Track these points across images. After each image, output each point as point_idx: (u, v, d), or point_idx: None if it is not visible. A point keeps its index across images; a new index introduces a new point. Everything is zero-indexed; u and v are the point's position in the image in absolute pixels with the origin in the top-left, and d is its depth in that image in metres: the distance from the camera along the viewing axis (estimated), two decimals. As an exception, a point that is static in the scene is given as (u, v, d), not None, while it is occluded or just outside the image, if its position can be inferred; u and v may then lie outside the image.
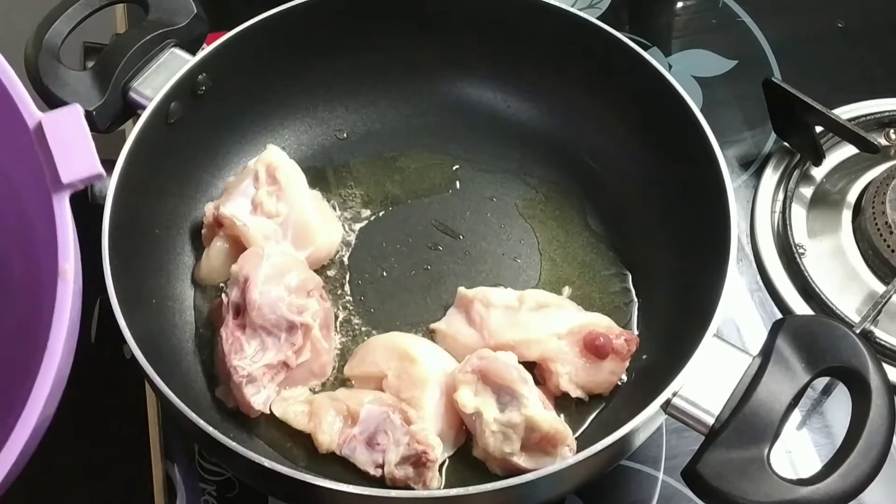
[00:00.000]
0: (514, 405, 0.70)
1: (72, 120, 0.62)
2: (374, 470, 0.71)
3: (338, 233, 0.84)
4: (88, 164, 0.61)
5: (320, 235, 0.82)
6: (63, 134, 0.61)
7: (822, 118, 0.87)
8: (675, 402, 0.65)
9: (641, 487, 0.78)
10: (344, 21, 0.87)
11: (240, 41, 0.82)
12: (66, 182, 0.61)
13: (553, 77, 0.88)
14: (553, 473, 0.63)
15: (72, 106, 0.62)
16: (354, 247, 0.84)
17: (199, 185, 0.85)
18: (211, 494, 0.77)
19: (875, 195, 0.86)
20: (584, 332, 0.74)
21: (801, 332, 0.66)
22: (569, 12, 0.83)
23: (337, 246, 0.84)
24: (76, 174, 0.61)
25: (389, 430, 0.71)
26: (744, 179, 0.93)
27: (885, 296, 0.81)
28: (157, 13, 0.81)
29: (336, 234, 0.84)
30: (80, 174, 0.61)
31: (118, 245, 0.71)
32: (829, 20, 1.04)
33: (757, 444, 0.62)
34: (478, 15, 0.87)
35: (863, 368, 0.64)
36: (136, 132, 0.76)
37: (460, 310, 0.78)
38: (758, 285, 0.88)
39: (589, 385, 0.75)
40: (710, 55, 1.02)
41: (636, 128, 0.84)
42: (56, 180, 0.61)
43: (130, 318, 0.68)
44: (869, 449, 0.62)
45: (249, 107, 0.87)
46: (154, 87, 0.79)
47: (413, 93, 0.89)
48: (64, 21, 0.79)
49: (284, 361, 0.73)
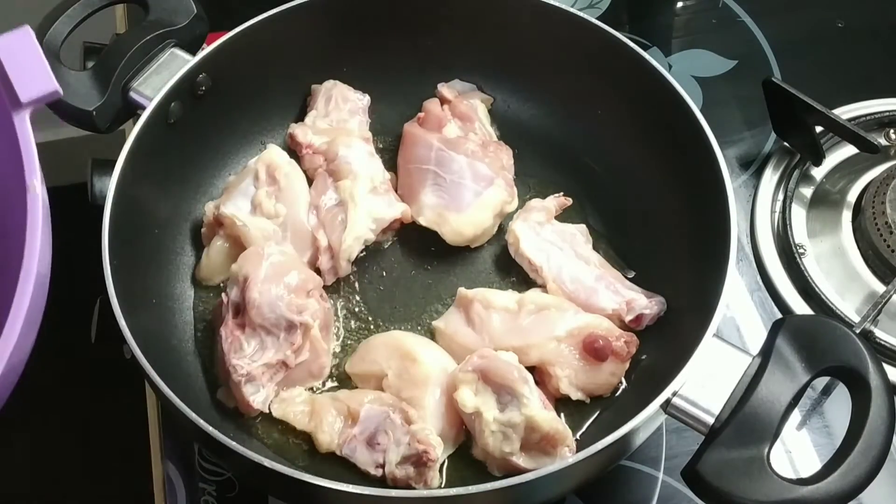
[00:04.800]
0: (514, 405, 0.70)
1: (24, 42, 0.64)
2: (374, 470, 0.71)
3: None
4: (45, 83, 0.64)
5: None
6: (17, 56, 0.64)
7: (822, 118, 0.87)
8: (675, 402, 0.65)
9: (641, 487, 0.78)
10: (344, 21, 0.87)
11: (240, 41, 0.82)
12: (26, 101, 0.63)
13: (553, 77, 0.88)
14: (553, 473, 0.63)
15: (22, 28, 0.65)
16: (354, 247, 0.84)
17: (199, 185, 0.85)
18: (211, 494, 0.77)
19: (875, 195, 0.86)
20: (584, 335, 0.74)
21: (801, 331, 0.66)
22: (569, 12, 0.83)
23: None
24: (34, 93, 0.63)
25: (390, 429, 0.71)
26: (744, 179, 0.93)
27: (885, 296, 0.81)
28: (157, 13, 0.81)
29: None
30: (38, 92, 0.64)
31: (118, 245, 0.71)
32: (829, 20, 1.04)
33: (757, 444, 0.62)
34: (478, 15, 0.87)
35: (863, 368, 0.64)
36: (136, 132, 0.76)
37: (460, 310, 0.78)
38: (758, 285, 0.88)
39: (589, 387, 0.75)
40: (710, 55, 1.02)
41: (636, 128, 0.84)
42: (15, 101, 0.63)
43: (130, 318, 0.68)
44: (869, 449, 0.62)
45: (249, 107, 0.87)
46: (154, 87, 0.79)
47: (413, 93, 0.89)
48: (64, 21, 0.79)
49: (283, 361, 0.73)
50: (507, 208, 0.83)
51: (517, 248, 0.81)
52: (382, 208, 0.81)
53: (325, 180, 0.82)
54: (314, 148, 0.85)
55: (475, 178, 0.82)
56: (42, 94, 0.64)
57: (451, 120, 0.85)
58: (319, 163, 0.84)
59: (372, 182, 0.81)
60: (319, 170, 0.84)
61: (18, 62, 0.63)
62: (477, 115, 0.87)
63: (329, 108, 0.87)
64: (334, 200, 0.81)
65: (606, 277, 0.79)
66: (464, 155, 0.82)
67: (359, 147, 0.84)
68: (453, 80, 0.90)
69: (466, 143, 0.83)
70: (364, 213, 0.80)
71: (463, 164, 0.82)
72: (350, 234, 0.79)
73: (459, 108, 0.86)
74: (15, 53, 0.63)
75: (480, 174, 0.82)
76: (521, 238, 0.80)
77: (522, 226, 0.81)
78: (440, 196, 0.82)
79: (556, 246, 0.80)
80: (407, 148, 0.85)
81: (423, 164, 0.83)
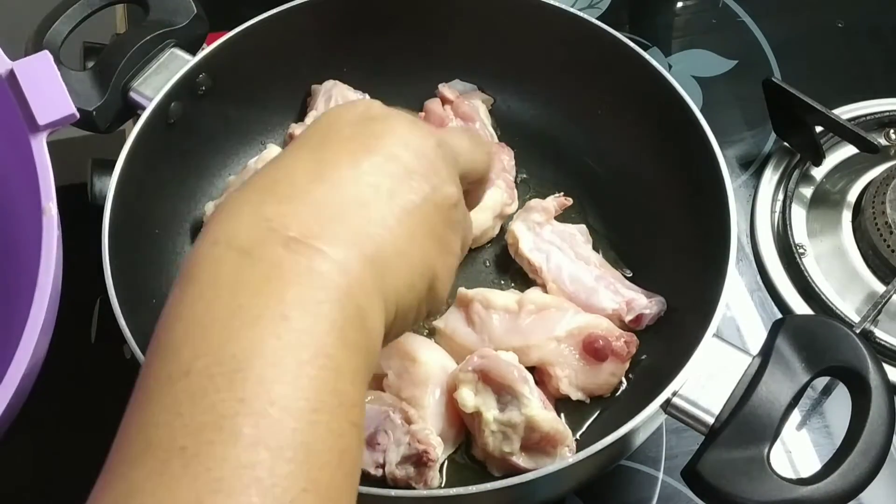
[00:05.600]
0: (514, 405, 0.70)
1: (43, 65, 0.65)
2: (374, 470, 0.71)
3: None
4: (62, 106, 0.65)
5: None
6: (35, 79, 0.65)
7: (822, 118, 0.87)
8: (674, 402, 0.65)
9: (641, 487, 0.78)
10: (344, 21, 0.87)
11: (240, 41, 0.82)
12: (43, 124, 0.64)
13: (553, 77, 0.88)
14: (553, 473, 0.63)
15: (42, 53, 0.65)
16: (354, 247, 0.84)
17: (199, 185, 0.85)
18: (211, 494, 0.77)
19: (875, 195, 0.86)
20: (584, 335, 0.74)
21: (801, 331, 0.66)
22: (569, 12, 0.83)
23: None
24: (52, 115, 0.64)
25: (390, 429, 0.71)
26: (744, 179, 0.93)
27: (885, 296, 0.81)
28: (157, 13, 0.81)
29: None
30: (56, 115, 0.64)
31: (118, 245, 0.71)
32: (829, 20, 1.04)
33: (757, 444, 0.62)
34: (477, 15, 0.87)
35: (863, 368, 0.64)
36: (136, 132, 0.76)
37: (460, 310, 0.78)
38: (758, 285, 0.88)
39: (589, 387, 0.75)
40: (710, 55, 1.02)
41: (636, 128, 0.84)
42: (32, 123, 0.64)
43: (130, 318, 0.68)
44: (869, 449, 0.62)
45: (249, 107, 0.87)
46: (154, 87, 0.79)
47: (413, 93, 0.89)
48: (64, 21, 0.79)
49: (284, 361, 0.73)
50: (508, 210, 0.83)
51: (517, 249, 0.81)
52: None
53: None
54: None
55: None
56: (59, 117, 0.65)
57: (454, 120, 0.85)
58: (319, 163, 0.84)
59: None
60: None
61: (37, 86, 0.65)
62: (479, 116, 0.87)
63: (329, 107, 0.87)
64: None
65: (606, 277, 0.79)
66: None
67: None
68: (454, 80, 0.90)
69: (467, 144, 0.83)
70: None
71: None
72: None
73: (462, 109, 0.86)
74: (34, 77, 0.65)
75: (481, 175, 0.82)
76: (521, 238, 0.80)
77: (522, 226, 0.81)
78: None
79: (556, 246, 0.80)
80: (407, 148, 0.85)
81: (422, 164, 0.83)
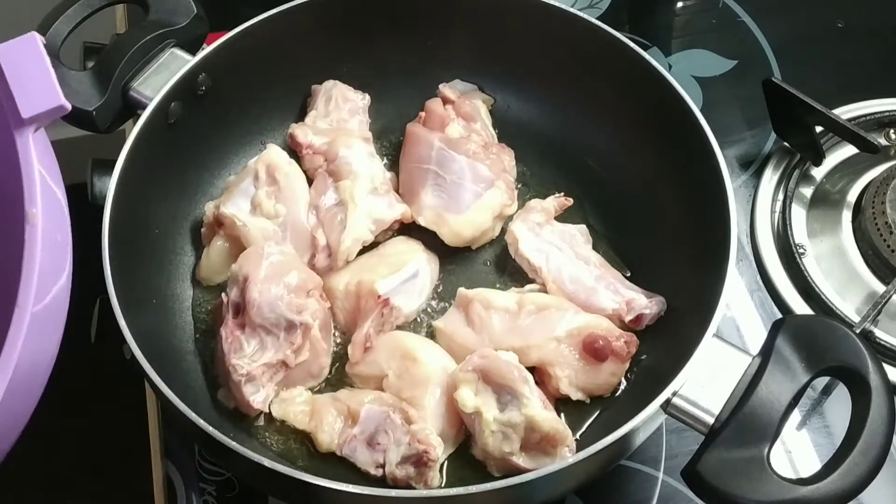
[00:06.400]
0: (514, 405, 0.70)
1: (29, 50, 0.57)
2: (374, 470, 0.71)
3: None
4: (49, 97, 0.57)
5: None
6: (20, 66, 0.56)
7: (822, 118, 0.87)
8: (674, 402, 0.65)
9: (641, 487, 0.78)
10: (344, 22, 0.87)
11: (240, 41, 0.82)
12: (28, 117, 0.56)
13: (553, 77, 0.88)
14: (553, 473, 0.63)
15: (28, 35, 0.57)
16: (354, 247, 0.84)
17: (199, 184, 0.85)
18: (211, 494, 0.77)
19: (875, 195, 0.86)
20: (584, 335, 0.74)
21: (801, 331, 0.66)
22: (569, 12, 0.83)
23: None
24: (37, 108, 0.56)
25: (390, 429, 0.71)
26: (744, 179, 0.93)
27: (885, 296, 0.81)
28: (157, 13, 0.81)
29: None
30: (42, 107, 0.57)
31: (118, 245, 0.71)
32: (829, 20, 1.04)
33: (757, 444, 0.62)
34: (478, 16, 0.87)
35: (863, 368, 0.64)
36: (136, 132, 0.76)
37: (460, 310, 0.78)
38: (758, 285, 0.88)
39: (589, 387, 0.75)
40: (710, 55, 1.02)
41: (636, 128, 0.84)
42: (16, 117, 0.56)
43: (130, 318, 0.68)
44: (869, 449, 0.62)
45: (249, 107, 0.87)
46: (154, 87, 0.79)
47: (413, 93, 0.89)
48: (64, 21, 0.79)
49: (283, 360, 0.73)
50: (507, 211, 0.83)
51: (517, 249, 0.81)
52: (382, 209, 0.81)
53: (325, 180, 0.82)
54: (314, 148, 0.85)
55: (475, 180, 0.82)
56: (46, 108, 0.57)
57: (455, 119, 0.85)
58: (319, 163, 0.84)
59: (372, 182, 0.81)
60: (319, 170, 0.84)
61: (22, 72, 0.56)
62: (480, 116, 0.87)
63: (329, 108, 0.87)
64: (334, 200, 0.81)
65: (606, 277, 0.79)
66: (464, 155, 0.82)
67: (359, 147, 0.84)
68: (454, 81, 0.90)
69: (468, 144, 0.83)
70: (364, 214, 0.80)
71: (463, 164, 0.82)
72: (349, 236, 0.79)
73: (463, 108, 0.86)
74: (19, 62, 0.56)
75: (481, 175, 0.82)
76: (521, 238, 0.80)
77: (522, 226, 0.81)
78: (440, 196, 0.82)
79: (556, 246, 0.80)
80: (408, 147, 0.85)
81: (423, 163, 0.83)
